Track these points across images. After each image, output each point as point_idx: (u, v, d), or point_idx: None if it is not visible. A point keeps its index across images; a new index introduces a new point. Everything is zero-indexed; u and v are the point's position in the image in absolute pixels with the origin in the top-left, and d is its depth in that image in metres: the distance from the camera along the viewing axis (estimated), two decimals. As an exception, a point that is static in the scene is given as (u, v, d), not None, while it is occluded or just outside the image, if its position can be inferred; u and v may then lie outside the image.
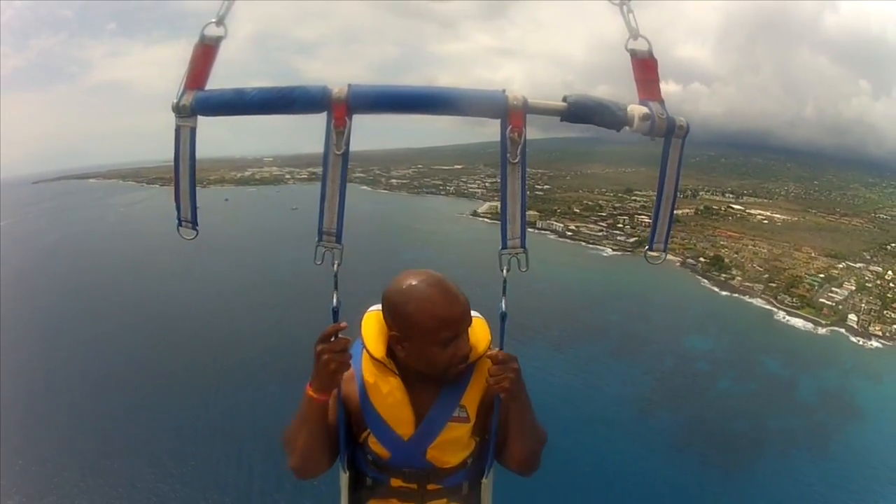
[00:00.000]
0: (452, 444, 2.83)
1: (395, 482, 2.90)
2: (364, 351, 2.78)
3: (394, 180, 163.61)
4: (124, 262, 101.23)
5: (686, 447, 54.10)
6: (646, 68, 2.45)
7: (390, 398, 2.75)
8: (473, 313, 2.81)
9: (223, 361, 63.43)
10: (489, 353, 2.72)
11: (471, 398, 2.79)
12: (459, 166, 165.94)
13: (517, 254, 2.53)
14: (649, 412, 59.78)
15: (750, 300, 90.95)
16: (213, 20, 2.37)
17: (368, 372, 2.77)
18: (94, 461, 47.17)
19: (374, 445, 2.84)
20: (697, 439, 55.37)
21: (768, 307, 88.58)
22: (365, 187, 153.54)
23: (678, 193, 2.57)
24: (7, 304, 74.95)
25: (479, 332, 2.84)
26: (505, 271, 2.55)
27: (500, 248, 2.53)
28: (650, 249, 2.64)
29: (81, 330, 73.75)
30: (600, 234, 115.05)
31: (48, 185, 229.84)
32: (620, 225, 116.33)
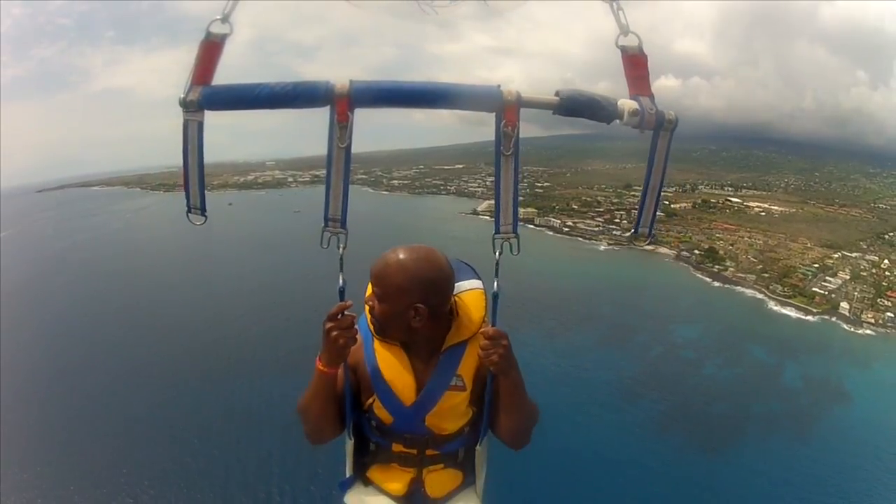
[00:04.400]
0: (450, 412, 3.00)
1: (397, 448, 3.10)
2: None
3: (395, 181, 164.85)
4: (132, 268, 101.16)
5: (668, 430, 55.29)
6: (636, 64, 2.57)
7: (395, 366, 2.94)
8: (474, 283, 3.17)
9: (232, 362, 64.24)
10: (482, 329, 2.90)
11: (467, 368, 2.95)
12: (460, 166, 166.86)
13: (509, 239, 2.73)
14: (634, 397, 60.81)
15: (742, 290, 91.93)
16: (219, 17, 2.47)
17: (377, 341, 2.98)
18: (101, 466, 47.66)
19: (379, 410, 3.01)
20: (680, 422, 56.54)
21: (760, 297, 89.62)
22: (367, 189, 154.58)
23: (664, 182, 2.71)
24: (14, 312, 75.77)
25: (473, 305, 3.05)
26: (497, 254, 2.74)
27: (494, 233, 2.73)
28: (635, 232, 2.81)
29: (90, 335, 74.28)
30: (597, 229, 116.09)
31: (51, 193, 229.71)
32: (617, 220, 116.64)
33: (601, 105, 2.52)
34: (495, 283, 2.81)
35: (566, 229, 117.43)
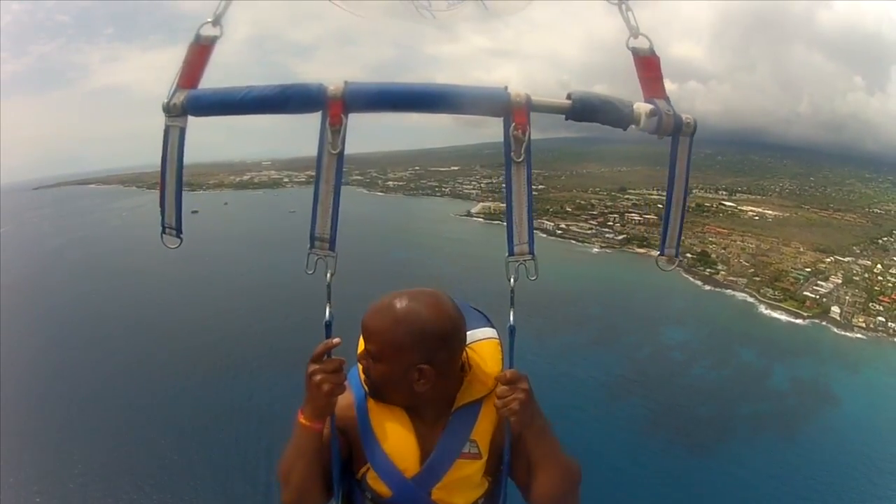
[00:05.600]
0: (462, 484, 2.51)
1: None
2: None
3: (390, 182, 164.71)
4: (129, 266, 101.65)
5: (655, 429, 55.88)
6: (648, 66, 2.40)
7: (394, 429, 2.48)
8: (486, 332, 2.67)
9: (226, 361, 64.59)
10: (497, 374, 2.45)
11: (482, 431, 2.49)
12: (456, 168, 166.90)
13: (525, 261, 2.39)
14: (622, 396, 61.42)
15: (732, 293, 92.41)
16: (209, 20, 2.32)
17: (370, 399, 2.52)
18: (97, 462, 48.11)
19: (374, 482, 2.53)
20: (667, 422, 56.98)
21: (751, 300, 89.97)
22: (362, 190, 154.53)
23: (688, 193, 2.49)
24: (12, 308, 75.85)
25: (488, 357, 2.58)
26: (512, 281, 2.40)
27: (507, 255, 2.39)
28: (661, 254, 2.56)
29: (86, 332, 74.85)
30: (590, 232, 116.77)
31: (48, 190, 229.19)
32: (610, 223, 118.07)
33: (617, 108, 2.33)
34: (511, 316, 2.43)
35: (559, 232, 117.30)
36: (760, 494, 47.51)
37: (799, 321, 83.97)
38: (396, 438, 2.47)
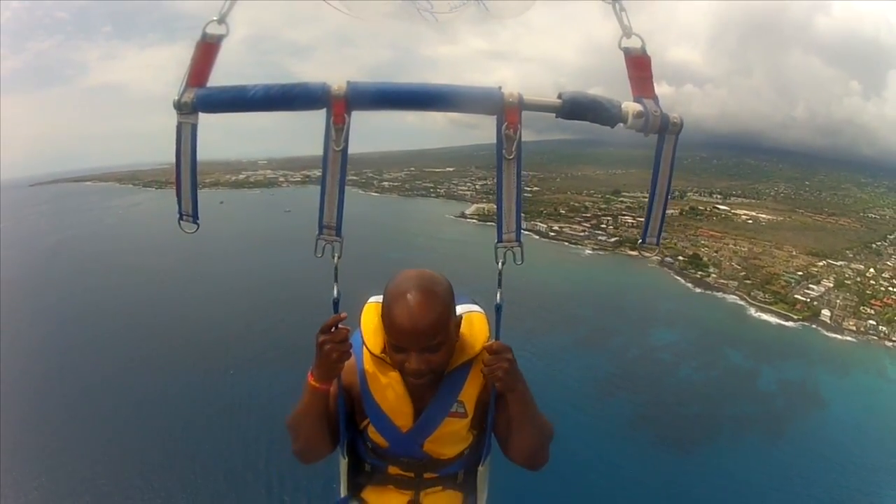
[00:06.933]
0: (450, 438, 2.85)
1: (393, 470, 2.97)
2: (364, 343, 2.81)
3: (385, 183, 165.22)
4: (125, 264, 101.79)
5: (641, 429, 56.12)
6: (639, 66, 2.46)
7: (390, 391, 2.76)
8: (473, 307, 2.95)
9: (222, 359, 64.78)
10: (485, 345, 2.69)
11: (469, 393, 2.78)
12: (451, 169, 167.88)
13: (512, 247, 2.54)
14: (608, 396, 61.78)
15: (723, 296, 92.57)
16: (215, 18, 2.39)
17: (369, 363, 2.79)
18: (95, 460, 47.96)
19: (373, 435, 2.88)
20: (652, 420, 57.41)
21: (741, 303, 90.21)
22: (357, 190, 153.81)
23: (671, 188, 2.56)
24: (9, 305, 75.83)
25: (477, 328, 2.85)
26: (500, 264, 2.56)
27: (496, 241, 2.55)
28: (643, 242, 2.65)
29: (84, 328, 75.02)
30: (582, 234, 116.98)
31: (45, 187, 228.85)
32: (603, 226, 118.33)
33: (605, 107, 2.41)
34: (498, 295, 2.64)
35: (552, 234, 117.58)
36: (745, 492, 47.91)
37: (789, 324, 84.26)
38: (393, 398, 2.76)
